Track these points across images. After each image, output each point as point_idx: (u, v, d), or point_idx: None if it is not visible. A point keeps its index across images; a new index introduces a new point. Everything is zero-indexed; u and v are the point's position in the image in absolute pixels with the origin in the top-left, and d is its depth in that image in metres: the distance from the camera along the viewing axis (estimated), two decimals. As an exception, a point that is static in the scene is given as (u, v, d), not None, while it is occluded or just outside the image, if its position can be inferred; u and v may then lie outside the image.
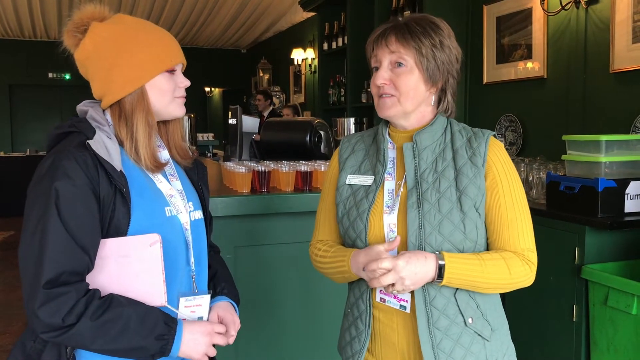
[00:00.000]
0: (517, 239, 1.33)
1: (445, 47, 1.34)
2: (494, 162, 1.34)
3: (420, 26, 1.32)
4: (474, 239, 1.31)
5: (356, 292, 1.41)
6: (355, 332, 1.40)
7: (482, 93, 4.23)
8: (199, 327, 1.27)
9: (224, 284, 1.46)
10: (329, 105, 6.37)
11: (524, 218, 1.34)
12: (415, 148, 1.36)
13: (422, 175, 1.33)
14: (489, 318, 1.36)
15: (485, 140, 1.35)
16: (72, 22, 1.30)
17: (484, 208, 1.32)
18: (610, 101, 3.23)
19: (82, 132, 1.24)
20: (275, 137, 3.14)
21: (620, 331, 2.41)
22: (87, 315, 1.14)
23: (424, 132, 1.36)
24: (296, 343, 2.30)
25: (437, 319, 1.30)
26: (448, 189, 1.31)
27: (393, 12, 4.73)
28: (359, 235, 1.35)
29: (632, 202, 2.64)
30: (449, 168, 1.33)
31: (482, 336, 1.33)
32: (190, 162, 1.44)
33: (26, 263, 1.16)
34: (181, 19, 8.69)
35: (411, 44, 1.31)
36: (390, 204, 1.34)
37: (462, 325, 1.31)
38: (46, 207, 1.15)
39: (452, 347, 1.30)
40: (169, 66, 1.30)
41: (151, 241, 1.22)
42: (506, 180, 1.33)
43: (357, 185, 1.40)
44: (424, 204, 1.30)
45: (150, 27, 1.33)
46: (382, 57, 1.34)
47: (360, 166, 1.43)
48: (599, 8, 3.25)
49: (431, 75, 1.33)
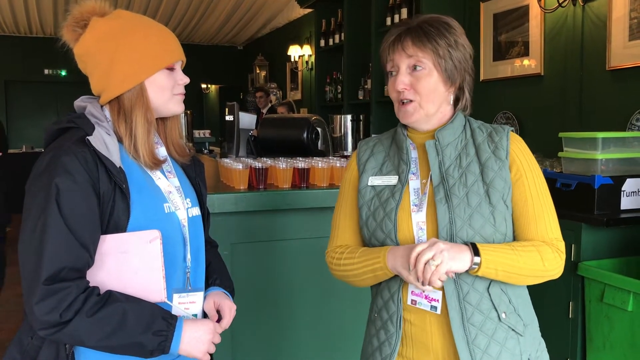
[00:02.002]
0: (544, 229, 1.34)
1: (460, 46, 1.35)
2: (517, 154, 1.35)
3: (434, 27, 1.33)
4: (504, 231, 1.31)
5: (385, 294, 1.38)
6: (385, 335, 1.36)
7: (479, 90, 4.23)
8: (202, 326, 1.27)
9: (216, 275, 1.46)
10: (326, 102, 6.37)
11: (549, 209, 1.35)
12: (437, 145, 1.36)
13: (447, 171, 1.33)
14: (521, 313, 1.36)
15: (507, 135, 1.36)
16: (72, 17, 1.29)
17: (511, 200, 1.32)
18: (606, 98, 3.23)
19: (82, 127, 1.23)
20: (272, 133, 3.14)
21: (616, 328, 2.42)
22: (83, 312, 1.13)
23: (445, 130, 1.37)
24: (293, 339, 2.30)
25: (471, 315, 1.29)
26: (475, 183, 1.31)
27: (390, 9, 4.73)
28: (389, 234, 1.33)
29: (628, 199, 2.65)
30: (473, 163, 1.34)
31: (515, 331, 1.32)
32: (187, 159, 1.43)
33: (26, 259, 1.15)
34: (177, 15, 8.67)
35: (428, 47, 1.32)
36: (418, 203, 1.34)
37: (496, 320, 1.30)
38: (46, 203, 1.15)
39: (488, 343, 1.29)
40: (168, 63, 1.30)
41: (151, 237, 1.22)
42: (530, 172, 1.34)
43: (381, 186, 1.39)
44: (452, 199, 1.30)
45: (150, 23, 1.32)
46: (400, 61, 1.34)
47: (381, 167, 1.42)
48: (596, 5, 3.25)
49: (450, 75, 1.34)
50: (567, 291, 2.68)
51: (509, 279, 1.30)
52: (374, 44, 4.86)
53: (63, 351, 1.20)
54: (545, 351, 1.42)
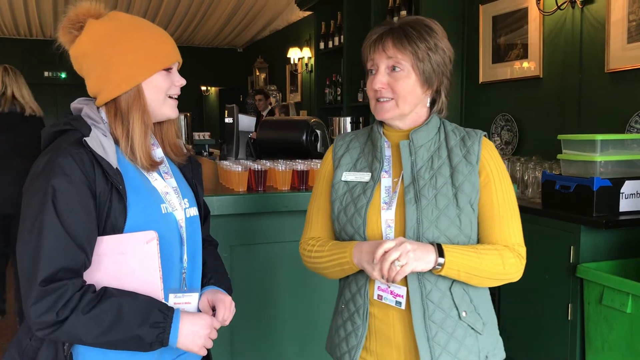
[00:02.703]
0: (508, 234, 1.37)
1: (440, 50, 1.37)
2: (487, 160, 1.38)
3: (415, 30, 1.35)
4: (468, 234, 1.35)
5: (353, 287, 1.43)
6: (352, 327, 1.42)
7: (478, 92, 4.23)
8: (200, 320, 1.27)
9: (210, 274, 1.45)
10: (326, 104, 6.37)
11: (514, 214, 1.39)
12: (411, 145, 1.39)
13: (418, 172, 1.37)
14: (481, 312, 1.40)
15: (479, 140, 1.39)
16: (67, 19, 1.29)
17: (477, 204, 1.36)
18: (605, 101, 3.24)
19: (78, 129, 1.24)
20: (271, 136, 3.14)
21: (615, 329, 2.42)
22: (79, 309, 1.14)
23: (420, 131, 1.40)
24: (292, 342, 2.30)
25: (432, 312, 1.33)
26: (444, 185, 1.35)
27: (389, 11, 4.74)
28: (357, 230, 1.37)
29: (627, 201, 2.66)
30: (444, 165, 1.37)
31: (474, 329, 1.37)
32: (184, 159, 1.44)
33: (23, 260, 1.16)
34: (177, 18, 8.68)
35: (408, 49, 1.34)
36: (388, 200, 1.37)
37: (456, 318, 1.35)
38: (43, 205, 1.15)
39: (447, 340, 1.34)
40: (165, 64, 1.30)
41: (148, 238, 1.23)
42: (498, 178, 1.38)
43: (354, 182, 1.43)
44: (421, 200, 1.33)
45: (146, 24, 1.33)
46: (379, 61, 1.37)
47: (355, 163, 1.46)
48: (595, 8, 3.26)
49: (427, 78, 1.37)
50: (566, 293, 2.69)
51: (470, 280, 1.34)
52: (373, 47, 4.85)
53: (62, 352, 1.20)
54: (502, 349, 1.47)
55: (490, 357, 1.41)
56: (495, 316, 1.48)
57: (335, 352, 1.48)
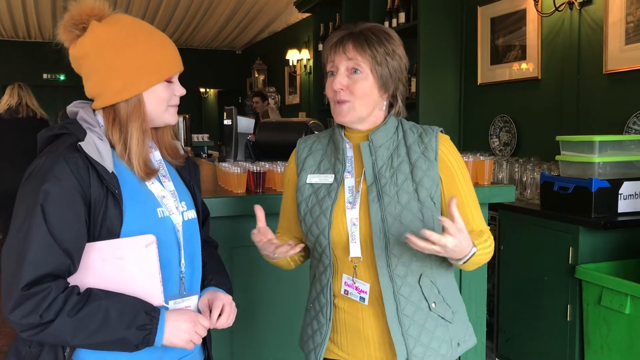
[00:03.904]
0: (479, 220, 1.46)
1: (397, 56, 1.43)
2: (446, 155, 1.44)
3: (375, 35, 1.40)
4: (431, 226, 1.39)
5: (317, 286, 1.49)
6: (317, 325, 1.48)
7: (477, 94, 4.24)
8: (183, 315, 1.26)
9: (211, 276, 1.44)
10: (324, 106, 6.37)
11: (477, 202, 1.48)
12: (371, 146, 1.44)
13: (379, 171, 1.42)
14: (449, 301, 1.46)
15: (435, 136, 1.45)
16: (69, 17, 1.27)
17: (439, 197, 1.42)
18: (603, 102, 3.25)
19: (74, 133, 1.22)
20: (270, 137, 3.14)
21: (613, 330, 2.42)
22: (65, 312, 1.13)
23: (378, 131, 1.44)
24: (291, 344, 2.30)
25: (404, 307, 1.39)
26: (405, 182, 1.40)
27: (388, 13, 4.75)
28: (322, 231, 1.42)
29: (625, 202, 2.66)
30: (404, 163, 1.42)
31: (445, 319, 1.44)
32: (181, 161, 1.42)
33: (7, 263, 1.15)
34: (176, 19, 8.68)
35: (367, 52, 1.39)
36: (352, 200, 1.42)
37: (426, 310, 1.41)
38: (32, 209, 1.14)
39: (419, 332, 1.40)
40: (168, 76, 1.29)
41: (147, 242, 1.22)
42: (460, 171, 1.45)
43: (318, 184, 1.48)
44: (384, 197, 1.39)
45: (151, 31, 1.30)
46: (339, 63, 1.41)
47: (319, 165, 1.51)
48: (592, 9, 3.27)
49: (384, 82, 1.41)
50: (564, 294, 2.69)
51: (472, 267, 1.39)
52: (372, 48, 4.87)
53: (62, 358, 1.20)
54: (472, 335, 1.54)
55: (462, 344, 1.48)
56: (464, 303, 1.55)
57: (304, 349, 1.54)
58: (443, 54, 4.32)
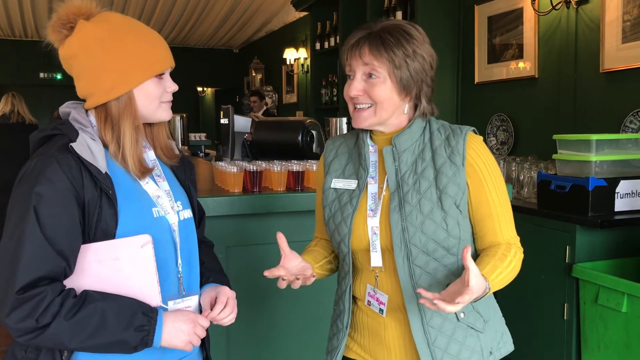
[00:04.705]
0: (507, 231, 1.37)
1: (419, 56, 1.34)
2: (474, 159, 1.35)
3: (393, 37, 1.32)
4: (457, 235, 1.33)
5: (339, 290, 1.48)
6: (336, 329, 1.48)
7: (474, 93, 4.24)
8: (182, 316, 1.25)
9: (209, 274, 1.44)
10: (322, 104, 6.37)
11: (509, 210, 1.39)
12: (394, 151, 1.37)
13: (402, 178, 1.35)
14: (480, 309, 1.39)
15: (464, 138, 1.36)
16: (57, 17, 1.26)
17: (465, 205, 1.34)
18: (600, 101, 3.25)
19: (66, 134, 1.21)
20: (267, 136, 3.14)
21: (610, 329, 2.43)
22: (61, 315, 1.12)
23: (402, 135, 1.37)
24: (288, 342, 2.30)
25: (430, 318, 1.33)
26: (428, 189, 1.33)
27: (385, 11, 4.74)
28: (343, 239, 1.38)
29: (622, 200, 2.66)
30: (428, 168, 1.35)
31: (475, 329, 1.36)
32: (176, 160, 1.41)
33: (1, 267, 1.14)
34: (173, 18, 8.66)
35: (384, 56, 1.31)
36: (374, 207, 1.36)
37: (454, 320, 1.34)
38: (25, 211, 1.13)
39: (447, 343, 1.33)
40: (158, 71, 1.27)
41: (142, 242, 1.21)
42: (489, 176, 1.35)
43: (342, 189, 1.43)
44: (405, 206, 1.32)
45: (139, 27, 1.29)
46: (356, 67, 1.35)
47: (344, 170, 1.46)
48: (589, 8, 3.27)
49: (405, 85, 1.34)
50: (561, 293, 2.69)
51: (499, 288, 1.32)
52: (369, 47, 4.86)
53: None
54: (509, 343, 1.46)
55: (494, 351, 1.40)
56: (499, 309, 1.47)
57: (327, 346, 1.53)
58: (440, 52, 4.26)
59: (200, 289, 1.40)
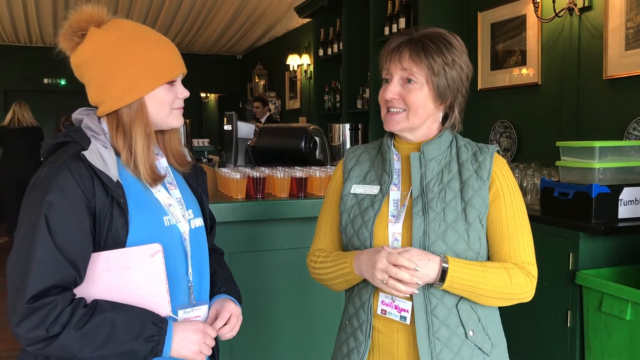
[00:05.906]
0: (518, 251, 1.34)
1: (457, 66, 1.35)
2: (497, 176, 1.36)
3: (434, 44, 1.33)
4: (477, 249, 1.32)
5: (357, 302, 1.40)
6: (355, 343, 1.39)
7: (477, 99, 4.24)
8: (191, 326, 1.25)
9: (221, 283, 1.44)
10: (325, 111, 6.38)
11: (525, 231, 1.36)
12: (422, 158, 1.37)
13: (427, 185, 1.35)
14: (490, 332, 1.36)
15: (491, 155, 1.37)
16: (68, 25, 1.26)
17: (486, 220, 1.33)
18: (603, 107, 3.24)
19: (78, 142, 1.21)
20: (270, 143, 3.14)
21: (614, 337, 2.42)
22: (71, 325, 1.12)
23: (431, 144, 1.38)
24: (290, 349, 2.30)
25: (437, 329, 1.30)
26: (453, 199, 1.32)
27: (388, 18, 4.75)
28: (364, 243, 1.36)
29: (625, 208, 2.65)
30: (454, 180, 1.35)
31: (482, 350, 1.33)
32: (188, 168, 1.41)
33: (12, 275, 1.14)
34: (177, 24, 8.69)
35: (424, 62, 1.32)
36: (396, 214, 1.35)
37: (462, 337, 1.31)
38: (36, 220, 1.13)
39: (452, 359, 1.30)
40: (169, 78, 1.27)
41: (153, 251, 1.21)
42: (509, 193, 1.35)
43: (363, 194, 1.41)
44: (429, 212, 1.31)
45: (151, 34, 1.29)
46: (394, 71, 1.35)
47: (365, 177, 1.44)
48: (592, 15, 3.27)
49: (441, 93, 1.35)
50: (565, 300, 2.68)
51: (475, 298, 1.31)
52: (372, 54, 4.88)
53: None
54: None
55: None
56: (505, 340, 1.44)
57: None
58: (443, 59, 4.31)
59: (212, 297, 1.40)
